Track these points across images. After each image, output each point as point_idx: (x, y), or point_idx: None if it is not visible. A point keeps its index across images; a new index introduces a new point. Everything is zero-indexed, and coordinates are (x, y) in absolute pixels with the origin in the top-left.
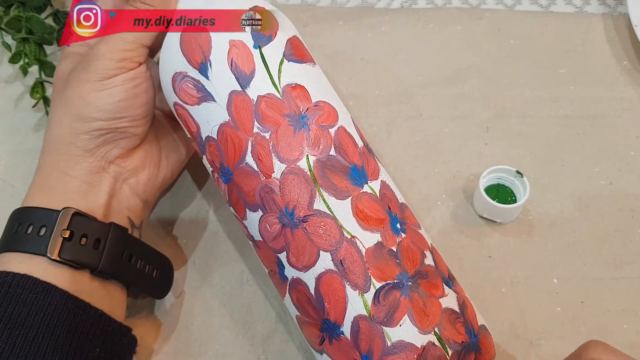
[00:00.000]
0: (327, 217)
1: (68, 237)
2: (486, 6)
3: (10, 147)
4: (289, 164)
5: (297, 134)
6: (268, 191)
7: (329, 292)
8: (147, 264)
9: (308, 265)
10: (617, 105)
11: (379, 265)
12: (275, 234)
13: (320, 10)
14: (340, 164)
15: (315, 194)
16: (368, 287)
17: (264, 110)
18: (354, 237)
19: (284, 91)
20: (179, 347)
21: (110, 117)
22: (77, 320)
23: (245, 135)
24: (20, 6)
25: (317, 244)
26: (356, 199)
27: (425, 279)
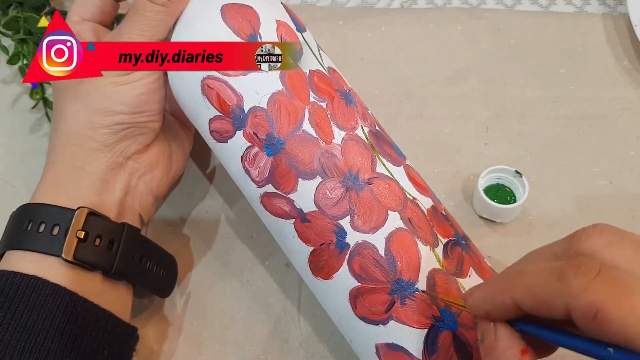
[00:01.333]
0: (389, 179)
1: (83, 237)
2: (486, 6)
3: (10, 147)
4: (347, 131)
5: (349, 107)
6: (329, 156)
7: (401, 250)
8: (155, 264)
9: (377, 226)
10: (617, 105)
11: (440, 224)
12: (337, 198)
13: (320, 10)
14: (386, 139)
15: (375, 159)
16: (437, 243)
17: (317, 83)
18: (415, 199)
19: (328, 70)
20: (179, 347)
21: (133, 110)
22: (86, 322)
23: (302, 104)
24: (18, 6)
25: (384, 204)
26: (406, 168)
27: (469, 240)
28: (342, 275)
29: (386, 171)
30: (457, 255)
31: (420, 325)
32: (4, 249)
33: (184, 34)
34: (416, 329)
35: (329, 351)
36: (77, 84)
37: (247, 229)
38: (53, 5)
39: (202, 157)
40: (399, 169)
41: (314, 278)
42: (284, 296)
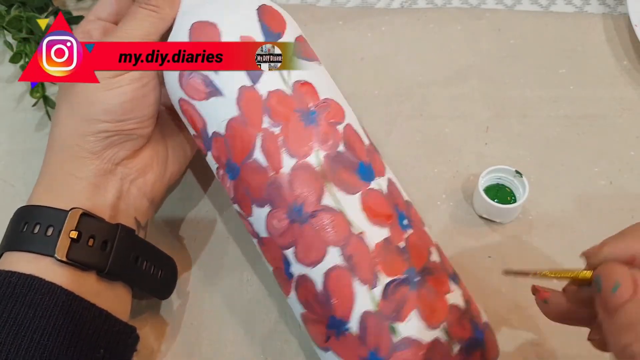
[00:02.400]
0: (335, 212)
1: (76, 238)
2: (486, 6)
3: (10, 147)
4: (298, 159)
5: (307, 128)
6: (276, 186)
7: (336, 288)
8: (152, 265)
9: (316, 261)
10: (617, 105)
11: (387, 261)
12: (283, 229)
13: (320, 10)
14: (349, 160)
15: (324, 189)
16: (376, 282)
17: (274, 105)
18: (362, 233)
19: (293, 87)
20: (179, 347)
21: (117, 119)
22: (83, 321)
23: (255, 131)
24: (21, 6)
25: (325, 240)
26: (365, 194)
27: (432, 274)
28: (293, 299)
29: (334, 203)
30: (398, 297)
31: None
32: (2, 250)
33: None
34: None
35: None
36: (70, 87)
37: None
38: (56, 5)
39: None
40: (351, 197)
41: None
42: (283, 296)
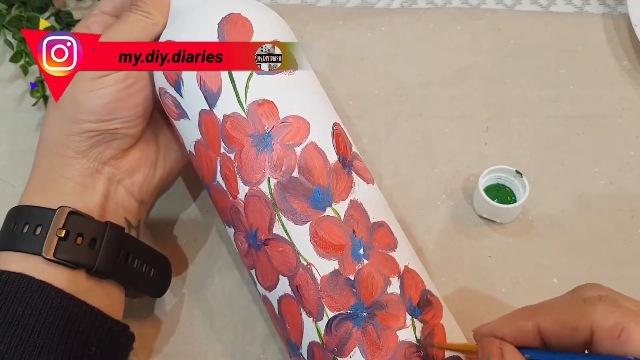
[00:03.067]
0: (285, 242)
1: (63, 236)
2: (486, 6)
3: (10, 147)
4: (251, 187)
5: (260, 155)
6: (235, 211)
7: (288, 315)
8: (144, 263)
9: (270, 287)
10: (617, 105)
11: (333, 295)
12: (245, 251)
13: (320, 10)
14: (302, 186)
15: (274, 218)
16: (321, 316)
17: (229, 131)
18: (310, 264)
19: (249, 109)
20: (179, 347)
21: (100, 119)
22: (73, 318)
23: (215, 155)
24: (21, 6)
25: (276, 268)
26: (315, 224)
27: (383, 309)
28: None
29: (283, 232)
30: (342, 332)
31: None
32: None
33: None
34: None
35: None
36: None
37: None
38: (57, 6)
39: None
40: (301, 227)
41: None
42: None
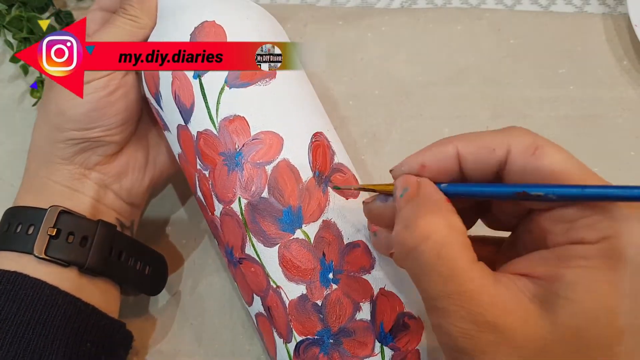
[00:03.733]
0: (256, 263)
1: (55, 235)
2: (486, 6)
3: (10, 147)
4: (224, 205)
5: (231, 174)
6: (214, 227)
7: (264, 332)
8: (138, 261)
9: (248, 303)
10: (617, 105)
11: (300, 319)
12: (227, 264)
13: (320, 10)
14: (272, 208)
15: (246, 238)
16: (290, 339)
17: (202, 148)
18: (279, 287)
19: (220, 126)
20: (178, 347)
21: (82, 127)
22: (68, 315)
23: (193, 170)
24: (21, 6)
25: (250, 287)
26: (284, 246)
27: (350, 336)
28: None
29: (254, 253)
30: (309, 357)
31: None
32: None
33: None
34: None
35: None
36: (45, 94)
37: None
38: (57, 6)
39: None
40: (270, 250)
41: None
42: None
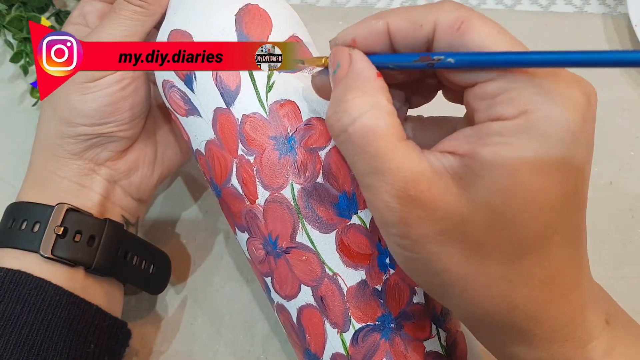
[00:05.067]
0: (309, 250)
1: (62, 233)
2: (486, 6)
3: (10, 147)
4: (272, 192)
5: (282, 159)
6: (252, 217)
7: (309, 325)
8: (143, 260)
9: (290, 296)
10: (617, 105)
11: (360, 306)
12: (260, 258)
13: (320, 10)
14: (328, 193)
15: (298, 225)
16: (347, 327)
17: (248, 132)
18: (336, 274)
19: (270, 109)
20: (179, 347)
21: (94, 122)
22: (72, 316)
23: (230, 157)
24: (22, 6)
25: (298, 277)
26: (341, 232)
27: (410, 320)
28: (279, 320)
29: (308, 240)
30: (369, 344)
31: None
32: None
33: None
34: None
35: None
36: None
37: None
38: (57, 6)
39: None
40: (326, 236)
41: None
42: None
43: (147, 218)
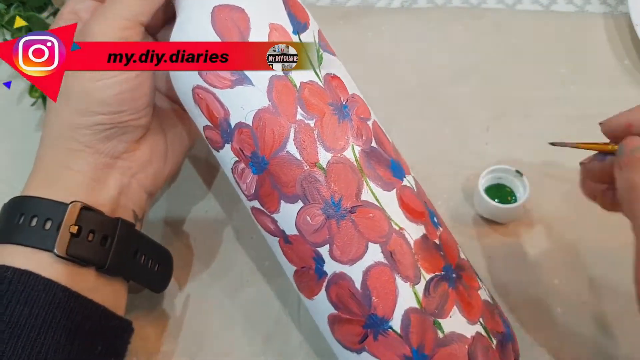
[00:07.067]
0: (375, 208)
1: (76, 232)
2: (487, 5)
3: (10, 147)
4: (335, 153)
5: (342, 123)
6: (312, 181)
7: (377, 286)
8: (150, 259)
9: (355, 258)
10: (617, 105)
11: (427, 257)
12: (317, 226)
13: (320, 10)
14: (382, 157)
15: (362, 184)
16: (419, 279)
17: (307, 98)
18: (402, 229)
19: (325, 79)
20: (179, 348)
21: (113, 111)
22: (80, 318)
23: (287, 122)
24: (20, 5)
25: (365, 236)
26: (400, 191)
27: (464, 271)
28: (321, 300)
29: (373, 198)
30: (440, 293)
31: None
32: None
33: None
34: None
35: (328, 351)
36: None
37: (247, 229)
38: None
39: (202, 156)
40: (389, 193)
41: (300, 293)
42: (283, 296)
43: (147, 218)
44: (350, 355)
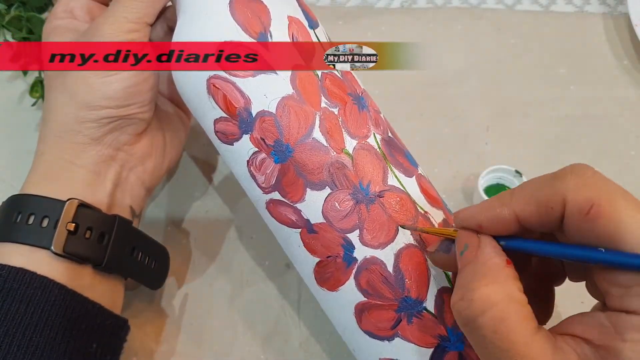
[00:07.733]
0: (401, 192)
1: (73, 230)
2: (486, 6)
3: (10, 147)
4: (359, 140)
5: (362, 112)
6: (339, 167)
7: (410, 267)
8: (147, 256)
9: (386, 242)
10: (617, 105)
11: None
12: (346, 212)
13: (320, 10)
14: (398, 146)
15: (387, 170)
16: None
17: (329, 87)
18: (426, 212)
19: (342, 73)
20: (179, 348)
21: (120, 104)
22: (76, 316)
23: (312, 109)
24: (21, 6)
25: (395, 219)
26: (418, 178)
27: None
28: (348, 289)
29: (398, 183)
30: None
31: (426, 344)
32: None
33: (185, 31)
34: (422, 347)
35: (328, 351)
36: (65, 74)
37: (247, 229)
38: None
39: (202, 156)
40: (410, 179)
41: (319, 288)
42: (283, 296)
43: (147, 218)
44: (381, 345)
